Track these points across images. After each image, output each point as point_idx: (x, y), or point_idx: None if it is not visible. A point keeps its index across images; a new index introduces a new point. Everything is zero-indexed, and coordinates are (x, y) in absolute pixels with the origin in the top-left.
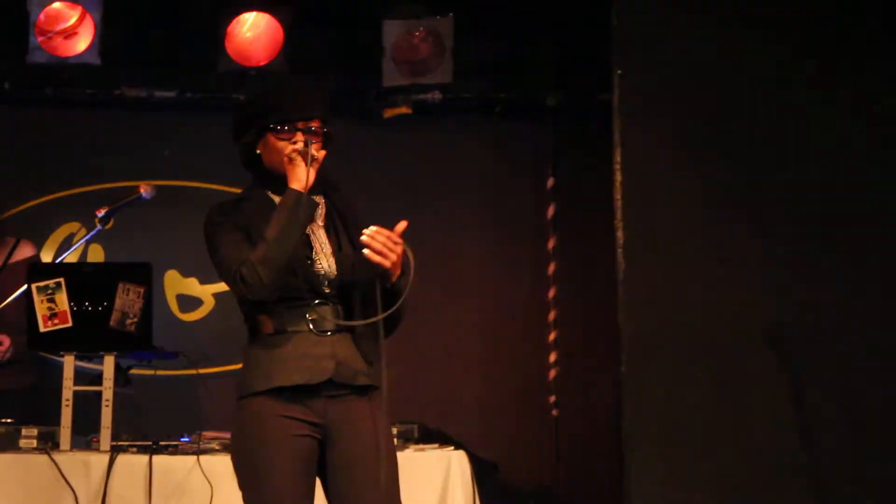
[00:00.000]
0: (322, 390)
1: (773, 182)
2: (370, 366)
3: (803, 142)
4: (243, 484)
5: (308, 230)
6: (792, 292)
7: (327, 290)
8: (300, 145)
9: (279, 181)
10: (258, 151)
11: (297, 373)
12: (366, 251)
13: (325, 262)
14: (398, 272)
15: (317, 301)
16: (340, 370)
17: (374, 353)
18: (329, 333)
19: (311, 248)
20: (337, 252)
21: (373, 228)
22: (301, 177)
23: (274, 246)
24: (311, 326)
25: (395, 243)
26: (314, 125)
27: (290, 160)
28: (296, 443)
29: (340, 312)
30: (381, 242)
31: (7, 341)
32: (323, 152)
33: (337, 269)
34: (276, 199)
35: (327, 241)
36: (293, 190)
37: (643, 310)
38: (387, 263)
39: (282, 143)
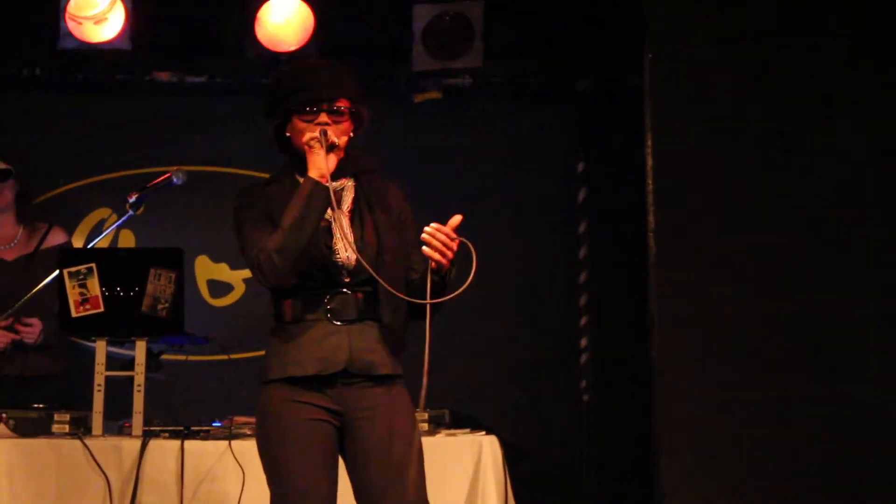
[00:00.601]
0: (338, 378)
1: (806, 167)
2: (394, 356)
3: (839, 121)
4: (266, 469)
5: (331, 217)
6: (828, 284)
7: (346, 280)
8: (317, 132)
9: (305, 165)
10: (287, 134)
11: (311, 363)
12: (425, 249)
13: (345, 250)
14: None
15: (336, 290)
16: (355, 360)
17: (400, 344)
18: (347, 323)
19: (331, 236)
20: (359, 240)
21: (433, 226)
22: (319, 165)
23: (289, 234)
24: (328, 315)
25: (452, 240)
26: (341, 105)
27: (309, 147)
28: (312, 427)
29: (360, 302)
30: (440, 241)
31: (39, 324)
32: (344, 138)
33: (357, 258)
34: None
35: (350, 229)
36: (309, 178)
37: (674, 294)
38: (444, 262)
39: (304, 127)
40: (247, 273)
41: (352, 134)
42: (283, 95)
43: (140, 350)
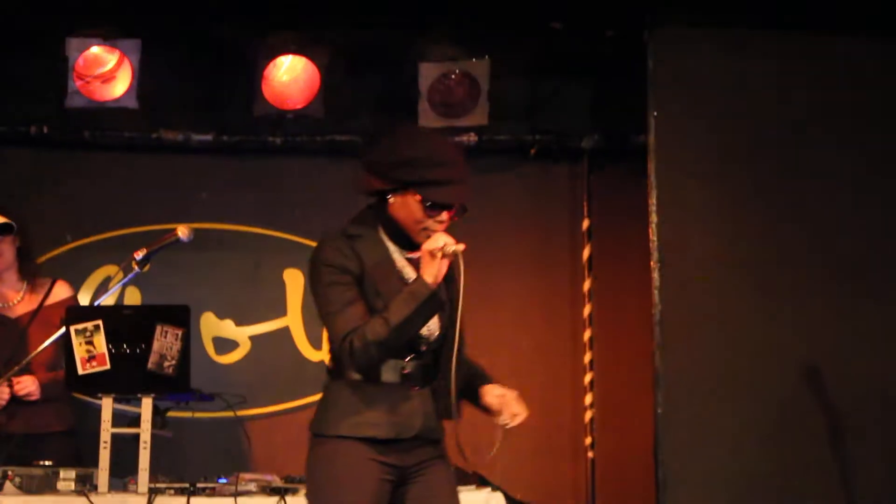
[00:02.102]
0: (401, 442)
1: (809, 221)
2: (440, 422)
3: (839, 179)
4: None
5: None
6: (828, 329)
7: (423, 349)
8: (448, 248)
9: (400, 233)
10: (390, 200)
11: (389, 427)
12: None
13: (431, 323)
14: None
15: (412, 357)
16: (425, 427)
17: (445, 411)
18: (417, 389)
19: None
20: (441, 314)
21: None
22: (437, 273)
23: (395, 333)
24: (403, 381)
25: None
26: (460, 204)
27: (432, 256)
28: (382, 488)
29: (429, 369)
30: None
31: (31, 378)
32: (462, 246)
33: (439, 331)
34: (391, 246)
35: None
36: (426, 284)
37: (679, 351)
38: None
39: (422, 214)
40: (252, 330)
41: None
42: (410, 168)
43: (146, 407)
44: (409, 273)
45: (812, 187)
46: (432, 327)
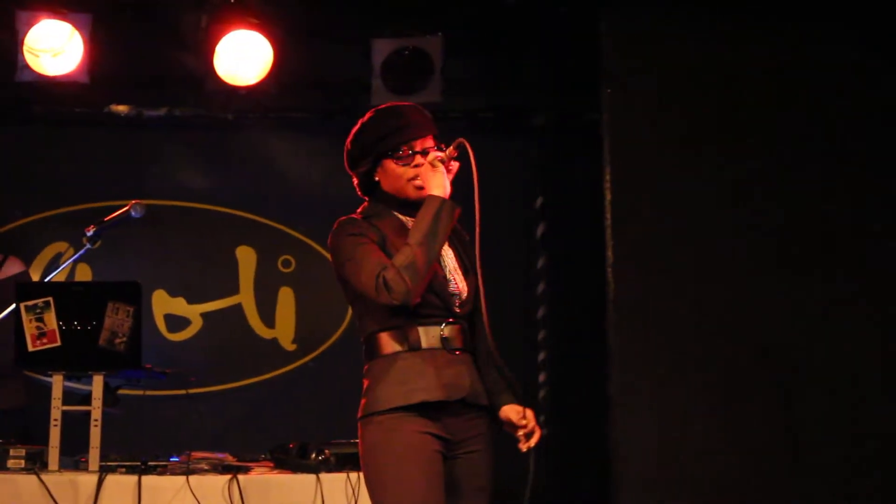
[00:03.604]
0: (454, 408)
1: (764, 198)
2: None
3: (795, 157)
4: (391, 498)
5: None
6: (781, 307)
7: (458, 310)
8: (442, 154)
9: (405, 203)
10: (376, 179)
11: (438, 389)
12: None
13: (459, 281)
14: None
15: (449, 320)
16: (473, 389)
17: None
18: (458, 352)
19: (443, 266)
20: (465, 273)
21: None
22: (443, 183)
23: (419, 250)
24: (443, 345)
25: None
26: (428, 144)
27: (433, 167)
28: (437, 459)
29: (465, 332)
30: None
31: None
32: (457, 164)
33: (467, 290)
34: (404, 219)
35: (456, 263)
36: (436, 196)
37: (633, 328)
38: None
39: (402, 168)
40: (204, 307)
41: None
42: (373, 141)
43: (97, 384)
44: None
45: (768, 166)
46: (461, 286)
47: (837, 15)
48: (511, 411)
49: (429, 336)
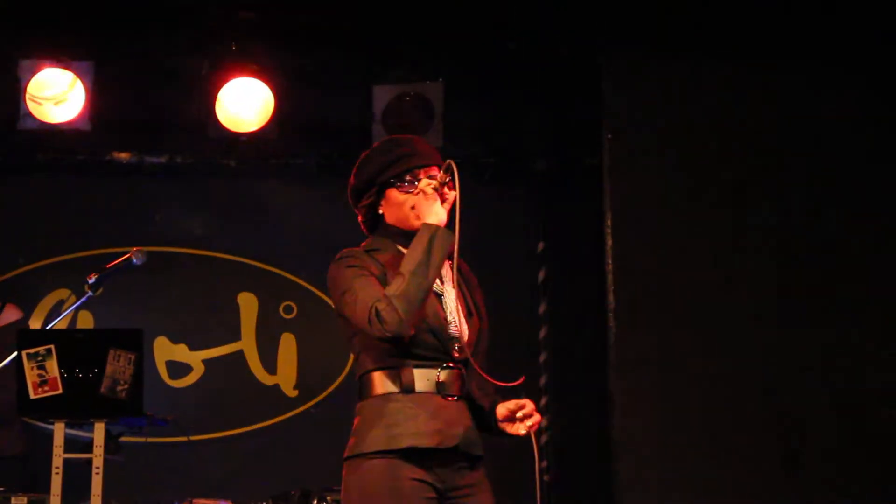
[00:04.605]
0: (445, 456)
1: (763, 242)
2: (479, 436)
3: (797, 206)
4: None
5: (441, 290)
6: (781, 354)
7: (456, 355)
8: (434, 182)
9: (408, 235)
10: (381, 212)
11: (429, 436)
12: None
13: (460, 325)
14: None
15: (445, 364)
16: (466, 438)
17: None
18: (455, 399)
19: (444, 308)
20: (468, 316)
21: (536, 420)
22: (437, 210)
23: (411, 279)
24: (438, 389)
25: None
26: (433, 172)
27: (426, 195)
28: None
29: (462, 378)
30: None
31: None
32: (454, 193)
33: (469, 335)
34: (406, 251)
35: (459, 305)
36: (429, 224)
37: (633, 373)
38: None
39: (404, 196)
40: (206, 354)
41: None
42: (376, 172)
43: (99, 432)
44: None
45: (766, 207)
46: (462, 330)
47: (842, 63)
48: (507, 404)
49: (423, 379)
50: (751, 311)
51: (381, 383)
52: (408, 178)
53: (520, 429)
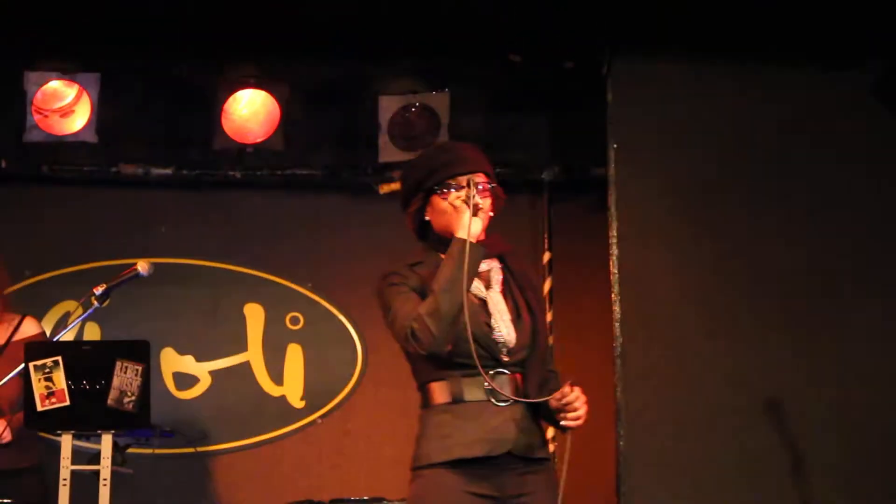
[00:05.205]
0: (500, 463)
1: (769, 256)
2: (543, 438)
3: (801, 212)
4: None
5: (485, 295)
6: (788, 363)
7: (506, 359)
8: (464, 194)
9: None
10: (427, 218)
11: (478, 445)
12: (570, 423)
13: (505, 329)
14: None
15: (495, 369)
16: (519, 443)
17: (542, 427)
18: (507, 404)
19: (488, 314)
20: (516, 319)
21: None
22: (466, 223)
23: (442, 296)
24: (489, 396)
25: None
26: (479, 179)
27: (455, 209)
28: None
29: (518, 382)
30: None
31: (2, 422)
32: (488, 201)
33: (517, 338)
34: None
35: (506, 308)
36: (459, 238)
37: (640, 384)
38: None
39: (447, 203)
40: (213, 365)
41: (492, 213)
42: (422, 178)
43: (106, 444)
44: (477, 283)
45: (774, 219)
46: (509, 334)
47: (849, 72)
48: (555, 394)
49: (473, 388)
50: (759, 320)
51: (435, 394)
52: (449, 183)
53: (564, 422)
